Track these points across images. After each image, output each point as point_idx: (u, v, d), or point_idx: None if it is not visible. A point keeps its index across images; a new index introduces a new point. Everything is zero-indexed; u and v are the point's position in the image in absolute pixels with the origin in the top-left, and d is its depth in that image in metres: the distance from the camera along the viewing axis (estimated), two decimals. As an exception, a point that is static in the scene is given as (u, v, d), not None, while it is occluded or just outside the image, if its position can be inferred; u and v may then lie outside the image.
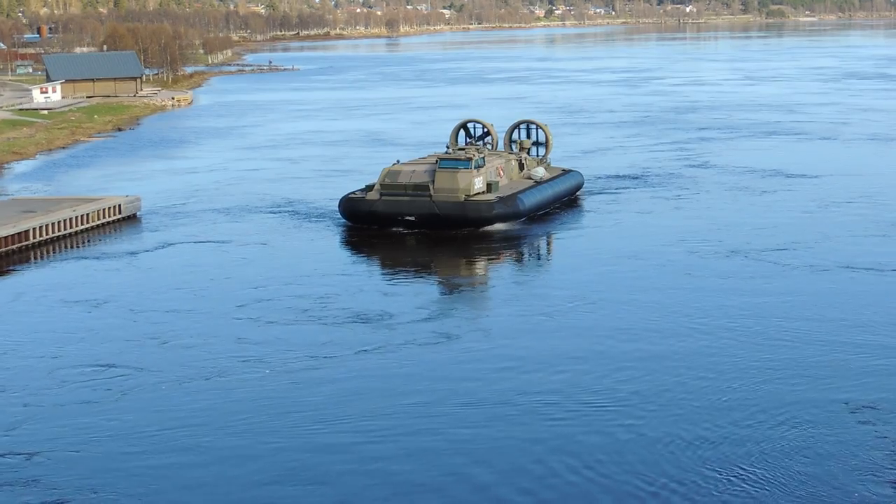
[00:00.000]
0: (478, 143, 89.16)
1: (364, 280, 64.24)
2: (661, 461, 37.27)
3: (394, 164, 79.60)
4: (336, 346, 50.40)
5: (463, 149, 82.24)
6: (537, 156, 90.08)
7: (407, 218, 75.55)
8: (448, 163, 76.63)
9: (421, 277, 65.59)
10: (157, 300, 59.27)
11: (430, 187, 75.55)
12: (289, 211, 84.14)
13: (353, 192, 79.14)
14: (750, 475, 36.12)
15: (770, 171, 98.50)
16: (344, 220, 78.27)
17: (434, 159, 79.14)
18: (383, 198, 76.23)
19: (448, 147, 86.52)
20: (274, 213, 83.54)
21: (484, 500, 35.27)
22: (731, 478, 36.03)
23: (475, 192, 76.12)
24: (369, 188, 78.24)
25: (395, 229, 75.79)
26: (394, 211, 75.85)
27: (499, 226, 75.73)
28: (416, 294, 60.57)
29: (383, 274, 66.92)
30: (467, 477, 36.64)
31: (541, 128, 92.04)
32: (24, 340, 52.78)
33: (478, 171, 76.88)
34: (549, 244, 74.61)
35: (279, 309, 56.76)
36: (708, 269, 63.97)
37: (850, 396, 42.95)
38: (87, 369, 48.07)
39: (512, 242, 73.59)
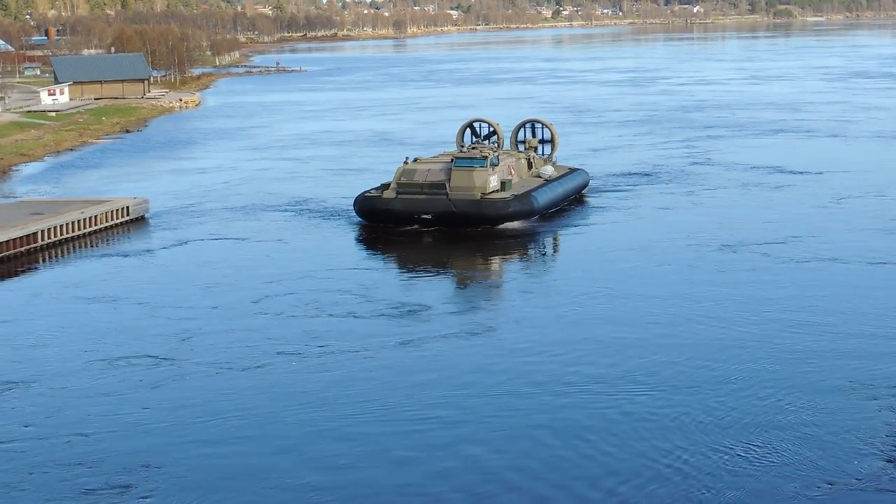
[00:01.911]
0: (484, 142, 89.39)
1: (385, 276, 65.30)
2: (670, 438, 38.96)
3: (407, 162, 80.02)
4: (362, 339, 51.14)
5: (477, 147, 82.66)
6: (542, 154, 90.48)
7: (423, 216, 76.07)
8: (464, 161, 77.18)
9: (443, 274, 66.31)
10: (176, 297, 59.82)
11: (447, 185, 76.10)
12: (301, 210, 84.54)
13: (368, 191, 79.60)
14: (758, 451, 37.82)
15: (776, 169, 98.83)
16: (359, 219, 78.76)
17: (449, 158, 79.76)
18: (400, 196, 76.70)
19: (463, 148, 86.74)
20: (287, 212, 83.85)
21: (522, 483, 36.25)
22: (739, 454, 37.62)
23: (491, 191, 76.77)
24: (384, 187, 78.76)
25: (411, 227, 76.31)
26: (410, 209, 76.33)
27: (514, 223, 76.33)
28: (440, 289, 61.56)
29: (404, 270, 67.37)
30: (494, 462, 37.44)
31: (547, 127, 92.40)
32: (50, 336, 53.31)
33: (493, 169, 77.51)
34: (557, 241, 74.93)
35: (301, 304, 57.34)
36: (718, 262, 64.97)
37: (854, 379, 44.61)
38: (119, 362, 48.78)
39: (529, 239, 74.51)
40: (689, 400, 42.53)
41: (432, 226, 76.10)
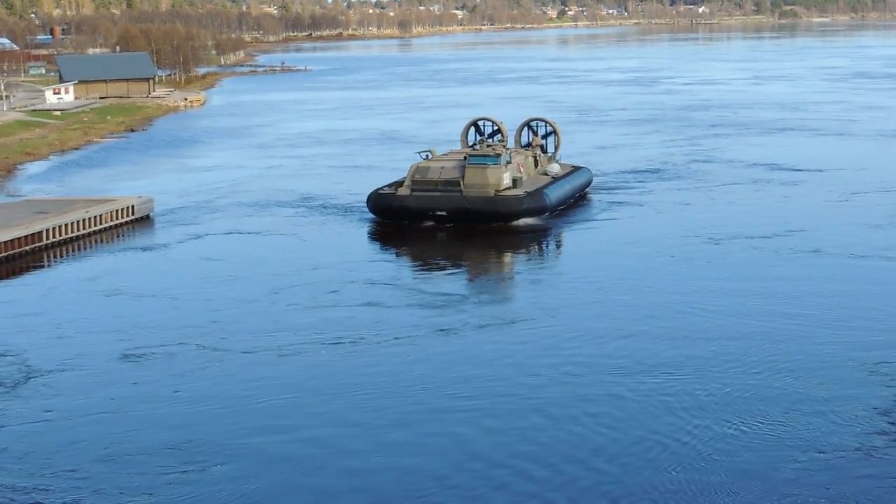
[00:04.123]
0: (488, 140, 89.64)
1: (406, 271, 66.79)
2: (681, 413, 41.41)
3: (429, 156, 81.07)
4: (390, 329, 52.42)
5: (490, 145, 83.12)
6: (545, 153, 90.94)
7: (438, 213, 76.55)
8: (477, 159, 77.79)
9: (464, 268, 67.76)
10: (193, 291, 60.73)
11: (461, 183, 76.65)
12: (312, 207, 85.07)
13: (381, 188, 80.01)
14: (762, 424, 40.43)
15: (778, 166, 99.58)
16: (372, 216, 79.25)
17: (462, 155, 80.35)
18: (414, 193, 77.35)
19: (476, 145, 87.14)
20: (297, 210, 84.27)
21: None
22: (752, 427, 40.17)
23: (504, 188, 77.51)
24: (398, 184, 79.21)
25: (426, 224, 76.87)
26: (425, 206, 76.94)
27: (527, 220, 76.90)
28: (464, 283, 63.31)
29: (424, 265, 68.21)
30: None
31: (550, 125, 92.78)
32: (73, 327, 54.10)
33: (506, 167, 78.09)
34: (571, 237, 75.40)
35: (323, 298, 58.28)
36: (727, 256, 66.58)
37: (853, 360, 47.22)
38: (148, 351, 49.87)
39: (542, 235, 75.51)
40: (700, 380, 44.78)
41: (447, 222, 76.58)
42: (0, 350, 50.40)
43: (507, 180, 78.01)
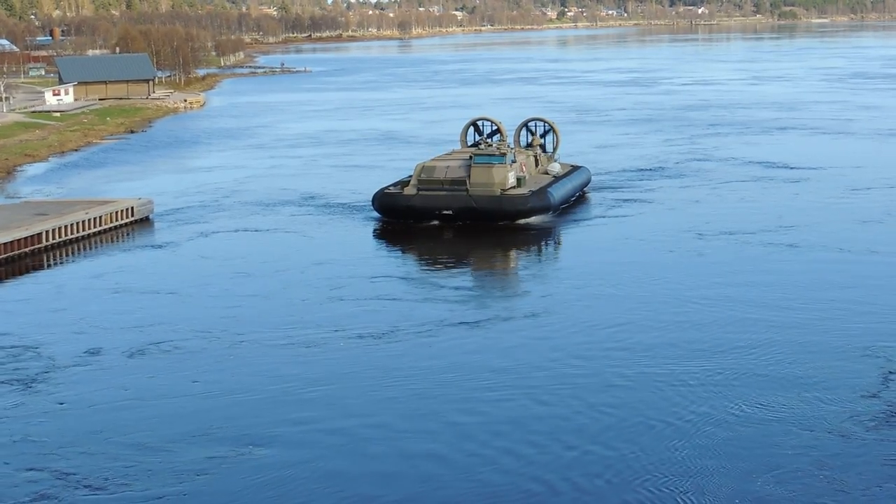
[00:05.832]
0: (488, 140, 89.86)
1: (415, 268, 67.58)
2: (688, 399, 42.84)
3: (429, 160, 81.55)
4: (408, 323, 53.09)
5: (491, 145, 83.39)
6: (544, 153, 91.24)
7: (444, 212, 76.80)
8: (483, 158, 78.25)
9: (474, 266, 68.98)
10: (201, 290, 61.09)
11: (467, 182, 76.90)
12: (316, 207, 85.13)
13: (386, 188, 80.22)
14: (763, 405, 42.16)
15: (775, 165, 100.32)
16: (378, 215, 79.55)
17: (467, 154, 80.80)
18: (420, 192, 77.63)
19: (482, 145, 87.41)
20: (301, 211, 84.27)
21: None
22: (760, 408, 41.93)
23: (509, 187, 77.90)
24: (403, 183, 79.42)
25: (432, 223, 77.19)
26: (432, 205, 77.29)
27: (532, 218, 77.31)
28: (477, 280, 64.59)
29: (434, 263, 68.55)
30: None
31: (549, 125, 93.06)
32: (84, 326, 54.30)
33: (511, 166, 78.41)
34: (574, 235, 75.89)
35: (336, 294, 58.95)
36: (725, 251, 67.97)
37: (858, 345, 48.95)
38: (166, 345, 50.49)
39: (548, 233, 76.13)
40: (701, 365, 46.48)
41: (453, 221, 76.88)
42: (15, 345, 50.77)
43: (512, 179, 78.49)
